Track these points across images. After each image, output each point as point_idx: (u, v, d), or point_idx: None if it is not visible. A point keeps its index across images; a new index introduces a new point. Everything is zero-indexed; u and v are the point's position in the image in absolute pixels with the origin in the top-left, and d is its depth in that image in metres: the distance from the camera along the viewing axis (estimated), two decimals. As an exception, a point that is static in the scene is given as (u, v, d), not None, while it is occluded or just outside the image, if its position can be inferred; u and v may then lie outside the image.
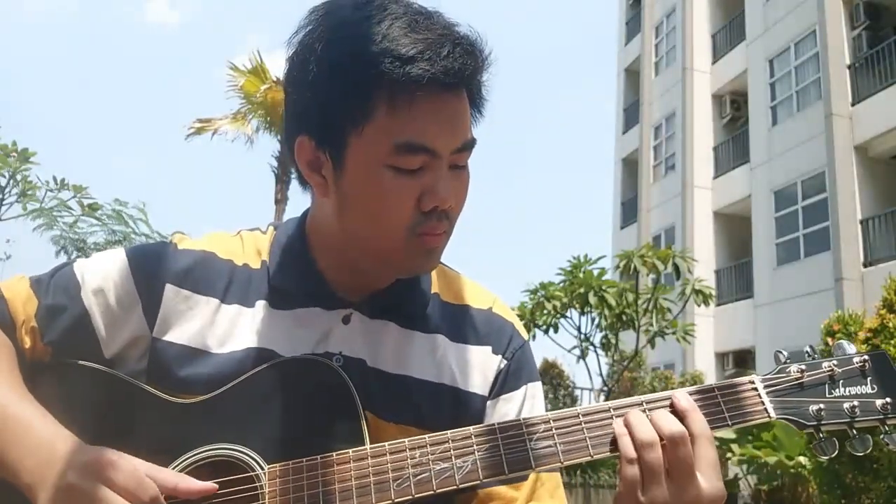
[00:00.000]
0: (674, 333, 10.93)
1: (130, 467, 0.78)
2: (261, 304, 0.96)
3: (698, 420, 0.82)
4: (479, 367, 0.99)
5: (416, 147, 0.85)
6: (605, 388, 12.44)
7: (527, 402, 1.00)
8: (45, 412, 0.85)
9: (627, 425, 0.82)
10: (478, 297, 1.05)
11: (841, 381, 0.86)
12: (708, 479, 0.80)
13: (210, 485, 0.81)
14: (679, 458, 0.79)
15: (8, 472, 0.81)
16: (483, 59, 0.89)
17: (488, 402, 0.99)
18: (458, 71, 0.84)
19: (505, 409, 0.99)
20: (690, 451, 0.80)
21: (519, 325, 1.06)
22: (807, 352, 0.89)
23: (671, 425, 0.80)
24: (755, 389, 0.86)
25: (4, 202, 11.88)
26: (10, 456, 0.81)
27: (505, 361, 1.01)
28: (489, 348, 1.01)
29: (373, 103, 0.84)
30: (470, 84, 0.89)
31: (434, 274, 1.03)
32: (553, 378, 15.52)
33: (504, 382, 1.00)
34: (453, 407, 0.96)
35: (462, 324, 1.01)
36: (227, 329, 0.94)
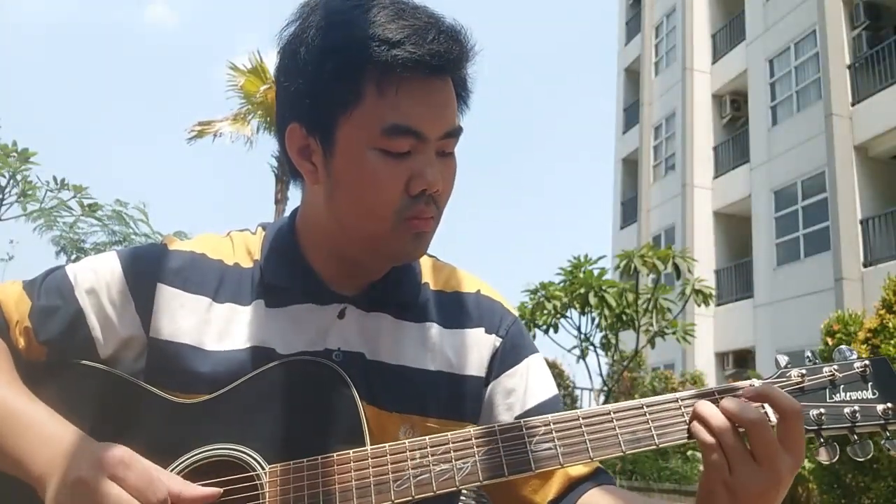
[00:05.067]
0: (674, 333, 10.93)
1: (142, 467, 0.78)
2: (256, 303, 0.96)
3: (781, 398, 0.81)
4: (474, 349, 1.01)
5: (404, 130, 0.87)
6: (605, 388, 12.44)
7: (531, 373, 1.02)
8: (48, 407, 0.86)
9: (698, 416, 0.82)
10: (465, 282, 1.07)
11: (842, 386, 0.85)
12: (793, 454, 0.80)
13: (214, 490, 0.82)
14: (764, 441, 0.79)
15: (17, 466, 0.81)
16: (468, 47, 0.91)
17: (492, 382, 1.00)
18: (443, 55, 0.87)
19: (511, 385, 1.00)
20: (773, 434, 0.80)
21: (507, 304, 1.08)
22: (808, 356, 0.89)
23: (749, 412, 0.80)
24: None
25: (4, 202, 11.89)
26: (19, 449, 0.81)
27: (500, 339, 1.03)
28: (482, 329, 1.02)
29: (361, 87, 0.86)
30: (455, 71, 0.92)
31: (423, 264, 1.06)
32: (553, 378, 15.51)
33: (503, 360, 1.02)
34: (451, 392, 0.98)
35: (453, 309, 1.03)
36: (222, 327, 0.95)
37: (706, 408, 0.82)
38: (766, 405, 0.82)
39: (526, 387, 1.01)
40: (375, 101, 0.86)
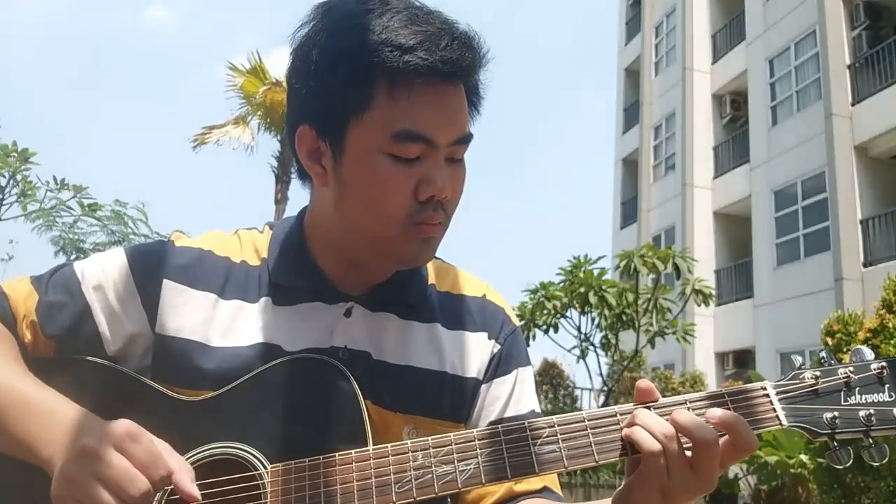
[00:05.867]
0: (674, 333, 10.93)
1: (148, 441, 0.78)
2: (263, 300, 0.97)
3: (745, 437, 0.80)
4: (476, 352, 1.02)
5: (414, 135, 0.87)
6: (605, 388, 12.44)
7: (517, 385, 1.03)
8: (57, 393, 0.86)
9: (644, 424, 0.81)
10: (471, 285, 1.08)
11: (857, 389, 0.83)
12: (726, 467, 0.82)
13: (196, 494, 0.79)
14: (710, 459, 0.79)
15: (25, 448, 0.81)
16: (481, 54, 0.91)
17: (483, 386, 1.01)
18: (455, 61, 0.87)
19: (497, 392, 1.01)
20: (718, 453, 0.80)
21: (510, 311, 1.09)
22: (822, 358, 0.87)
23: (705, 433, 0.79)
24: (767, 396, 0.85)
25: (4, 202, 11.87)
26: (27, 431, 0.81)
27: (498, 346, 1.03)
28: (485, 334, 1.03)
29: (373, 91, 0.86)
30: (467, 78, 0.92)
31: (429, 266, 1.06)
32: (553, 378, 15.53)
33: (497, 366, 1.02)
34: (454, 393, 0.99)
35: (458, 312, 1.04)
36: (228, 324, 0.95)
37: (651, 418, 0.81)
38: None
39: (509, 398, 1.01)
40: (386, 106, 0.86)
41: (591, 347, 11.49)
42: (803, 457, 7.28)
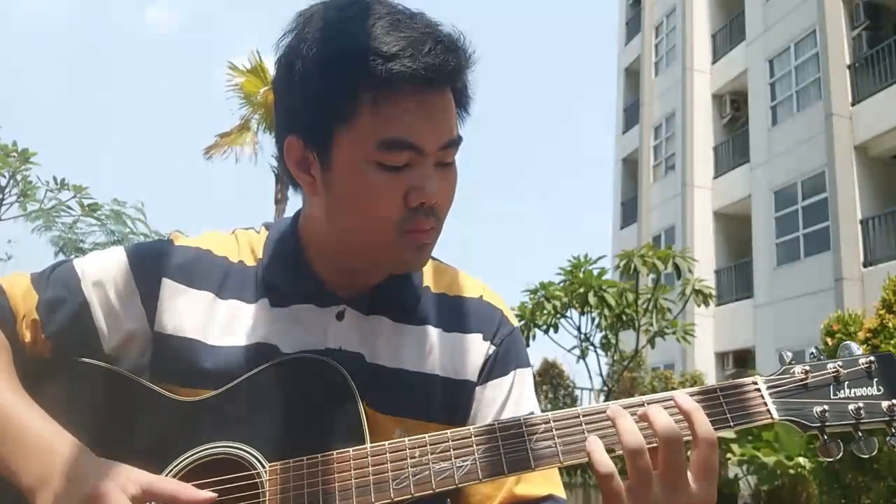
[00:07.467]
0: (674, 333, 10.91)
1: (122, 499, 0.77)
2: (261, 302, 0.97)
3: (701, 422, 0.79)
4: (470, 354, 1.01)
5: (401, 143, 0.86)
6: (605, 388, 12.43)
7: (515, 387, 1.02)
8: (45, 414, 0.85)
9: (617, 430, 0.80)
10: (467, 286, 1.07)
11: (846, 383, 0.84)
12: (699, 484, 0.79)
13: (209, 494, 0.80)
14: (671, 459, 0.78)
15: (8, 474, 0.82)
16: (466, 57, 0.90)
17: (477, 388, 1.00)
18: (439, 67, 0.85)
19: (493, 395, 1.00)
20: (683, 454, 0.78)
21: (508, 312, 1.07)
22: (812, 353, 0.88)
23: (667, 427, 0.78)
24: (758, 390, 0.85)
25: (4, 202, 11.87)
26: (9, 458, 0.81)
27: (493, 347, 1.02)
28: (480, 335, 1.02)
29: (357, 101, 0.85)
30: (453, 82, 0.90)
31: (426, 267, 1.05)
32: (553, 378, 15.52)
33: (492, 368, 1.01)
34: (447, 396, 0.98)
35: (453, 313, 1.03)
36: (226, 323, 0.95)
37: (626, 422, 0.79)
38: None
39: (506, 400, 1.00)
40: (371, 115, 0.85)
41: (591, 347, 11.47)
42: (801, 459, 7.28)
